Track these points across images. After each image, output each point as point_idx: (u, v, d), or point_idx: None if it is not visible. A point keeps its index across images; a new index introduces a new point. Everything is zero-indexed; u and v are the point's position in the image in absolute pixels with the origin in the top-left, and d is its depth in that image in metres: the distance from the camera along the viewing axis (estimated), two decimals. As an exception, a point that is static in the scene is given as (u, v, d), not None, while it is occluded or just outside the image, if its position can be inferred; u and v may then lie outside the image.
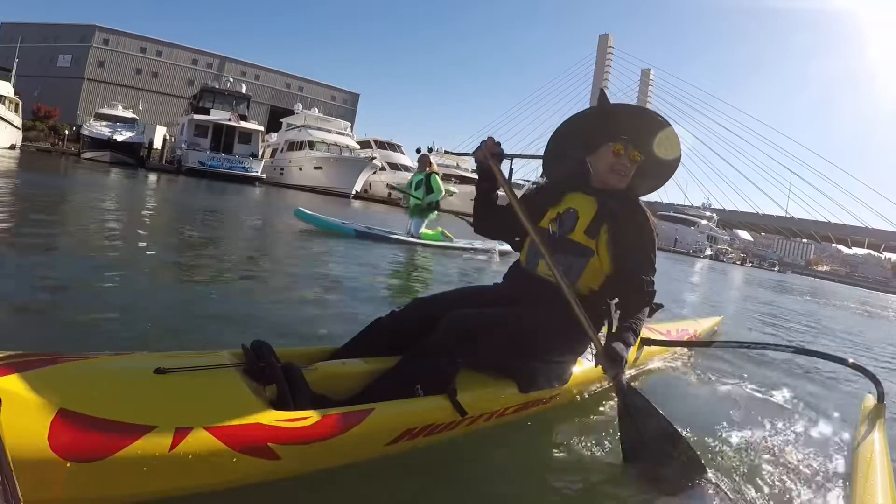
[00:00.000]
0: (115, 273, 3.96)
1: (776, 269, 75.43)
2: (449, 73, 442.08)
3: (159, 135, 37.30)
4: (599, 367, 2.46)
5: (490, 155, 2.29)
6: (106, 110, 40.27)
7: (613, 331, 2.27)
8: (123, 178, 21.35)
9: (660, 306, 2.39)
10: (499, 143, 2.34)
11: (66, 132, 44.87)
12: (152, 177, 25.04)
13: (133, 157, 34.00)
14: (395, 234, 9.58)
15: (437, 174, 9.59)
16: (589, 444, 2.20)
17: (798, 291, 22.87)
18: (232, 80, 44.94)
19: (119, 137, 33.65)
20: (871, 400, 2.90)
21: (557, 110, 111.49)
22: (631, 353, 3.03)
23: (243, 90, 42.15)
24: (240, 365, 1.70)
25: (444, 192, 9.57)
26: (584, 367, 2.53)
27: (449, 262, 8.58)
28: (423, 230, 9.73)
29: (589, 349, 2.37)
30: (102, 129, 34.81)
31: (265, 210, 13.92)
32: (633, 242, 2.24)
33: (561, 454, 2.13)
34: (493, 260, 9.67)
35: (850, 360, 3.08)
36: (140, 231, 6.84)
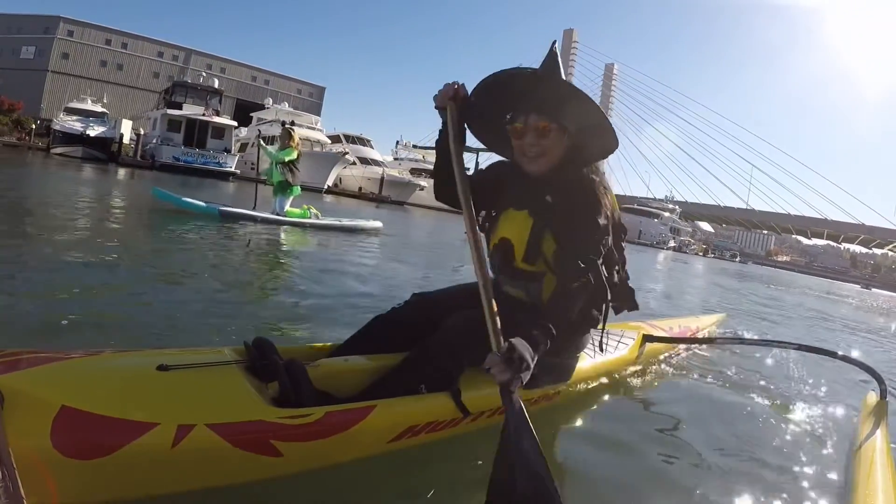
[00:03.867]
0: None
1: (738, 259, 77.52)
2: (416, 68, 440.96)
3: (126, 129, 36.24)
4: (600, 362, 2.42)
5: (451, 97, 1.98)
6: (76, 104, 39.25)
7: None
8: (102, 174, 20.94)
9: (605, 301, 2.03)
10: (463, 86, 2.01)
11: (33, 126, 43.87)
12: (129, 173, 24.49)
13: (104, 152, 33.06)
14: (261, 213, 9.15)
15: (294, 148, 9.34)
16: (592, 440, 2.21)
17: (762, 280, 23.74)
18: (205, 74, 44.15)
19: (92, 132, 32.83)
20: (873, 397, 2.89)
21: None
22: (634, 347, 2.93)
23: (216, 85, 41.36)
24: (242, 362, 1.71)
25: (285, 158, 9.23)
26: (587, 363, 2.51)
27: (321, 239, 8.51)
28: (288, 208, 9.48)
29: (590, 344, 2.30)
30: (74, 124, 33.90)
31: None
32: (572, 234, 1.94)
33: (564, 450, 2.15)
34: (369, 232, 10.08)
35: (854, 358, 3.12)
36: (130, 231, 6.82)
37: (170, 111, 35.55)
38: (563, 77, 1.99)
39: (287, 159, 9.24)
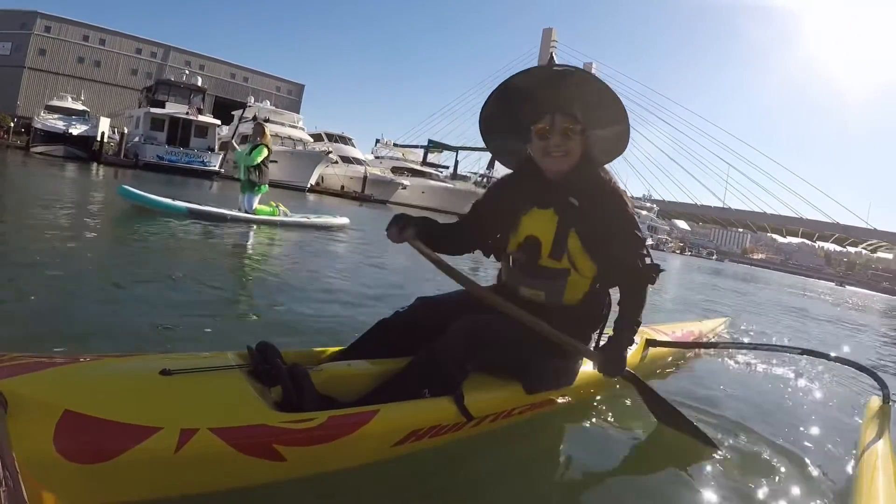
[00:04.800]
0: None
1: (714, 257, 78.74)
2: (395, 66, 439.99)
3: (104, 127, 34.58)
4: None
5: (400, 239, 2.07)
6: (56, 102, 38.14)
7: (612, 330, 2.18)
8: (87, 173, 20.68)
9: (660, 270, 2.17)
10: (402, 223, 2.07)
11: (11, 124, 42.38)
12: (112, 172, 23.97)
13: (85, 151, 32.40)
14: (230, 211, 8.99)
15: (267, 146, 9.12)
16: (595, 445, 2.20)
17: (743, 278, 24.21)
18: (187, 72, 43.45)
19: (75, 131, 32.16)
20: (876, 401, 2.86)
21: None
22: (637, 351, 2.98)
23: (199, 83, 40.96)
24: (245, 366, 1.70)
25: (256, 161, 8.99)
26: (590, 366, 2.42)
27: (291, 237, 8.48)
28: (256, 206, 9.28)
29: (592, 346, 2.29)
30: (56, 123, 33.00)
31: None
32: (609, 231, 2.05)
33: (567, 455, 2.15)
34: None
35: (858, 362, 3.06)
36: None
37: (153, 110, 35.18)
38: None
39: (259, 160, 9.02)
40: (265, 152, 9.07)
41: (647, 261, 2.11)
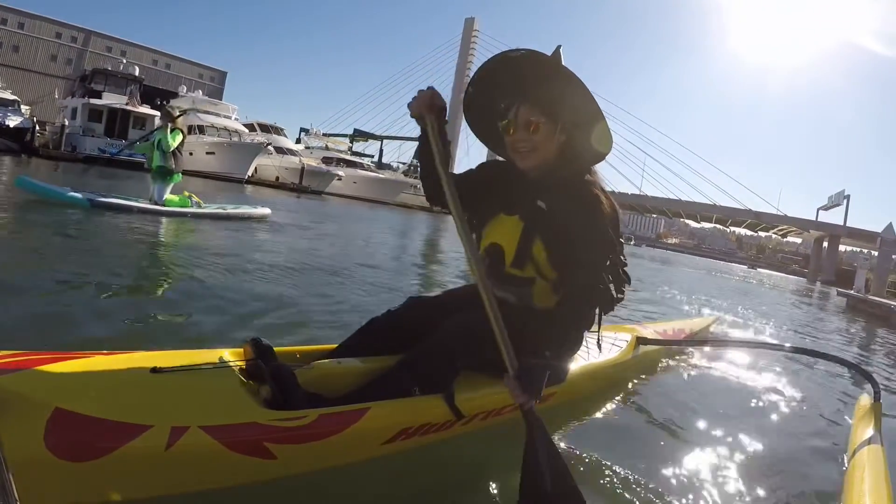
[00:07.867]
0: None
1: (632, 242, 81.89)
2: (314, 51, 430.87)
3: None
4: (592, 364, 2.38)
5: (427, 108, 1.84)
6: None
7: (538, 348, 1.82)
8: (32, 168, 19.41)
9: (617, 301, 2.03)
10: (438, 94, 1.86)
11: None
12: (53, 165, 21.83)
13: (18, 142, 30.01)
14: (137, 202, 8.24)
15: (180, 130, 8.59)
16: (585, 443, 2.18)
17: (662, 261, 25.55)
18: (125, 61, 41.48)
19: (11, 123, 30.20)
20: (866, 399, 2.82)
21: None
22: (628, 350, 2.81)
23: (136, 72, 39.56)
24: (236, 364, 1.69)
25: (174, 145, 8.43)
26: (581, 365, 2.43)
27: (206, 230, 7.87)
28: (167, 196, 8.55)
29: (584, 346, 2.23)
30: None
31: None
32: (572, 240, 1.87)
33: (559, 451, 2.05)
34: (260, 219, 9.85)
35: (847, 360, 3.03)
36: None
37: (92, 100, 34.07)
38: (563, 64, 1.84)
39: (176, 144, 8.46)
40: (180, 136, 8.56)
41: (605, 285, 1.92)
